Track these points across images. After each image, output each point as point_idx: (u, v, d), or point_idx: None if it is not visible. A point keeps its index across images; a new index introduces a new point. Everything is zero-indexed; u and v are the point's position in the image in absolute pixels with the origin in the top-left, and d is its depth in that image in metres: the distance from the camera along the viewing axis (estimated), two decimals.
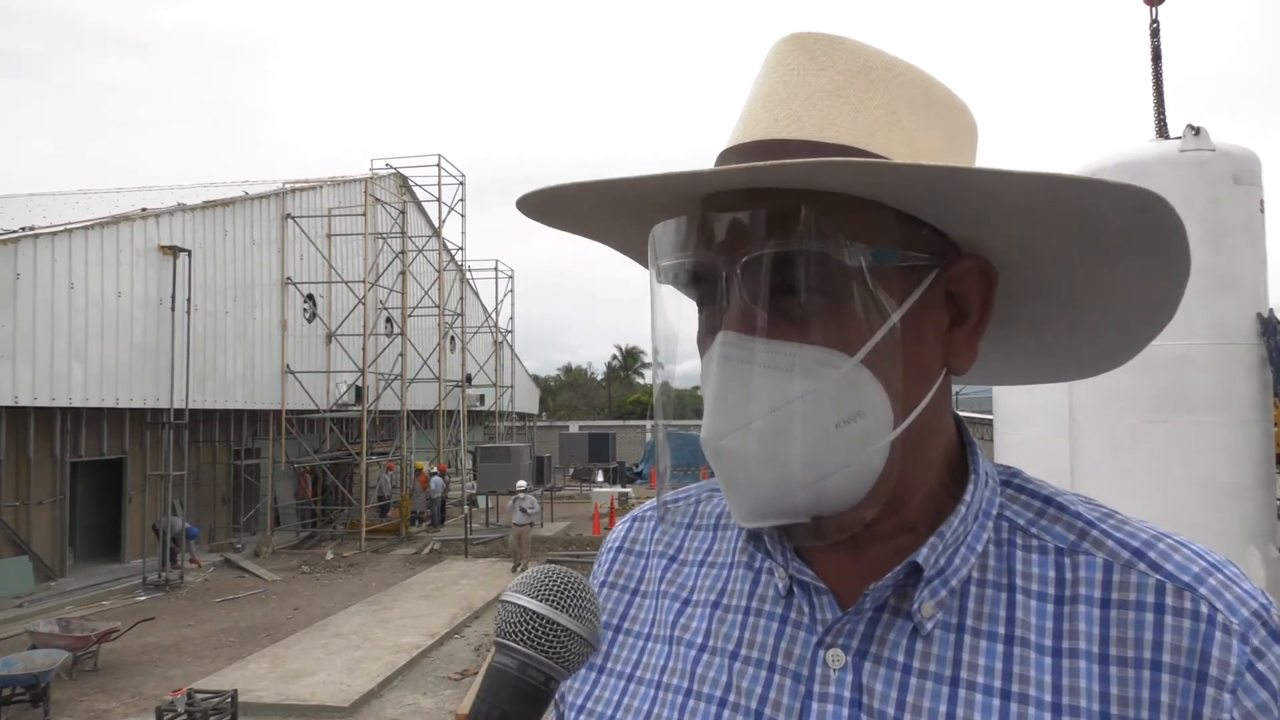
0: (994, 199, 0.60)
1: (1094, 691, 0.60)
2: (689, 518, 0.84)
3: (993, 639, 0.64)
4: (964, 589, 0.66)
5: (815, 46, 0.67)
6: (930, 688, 0.63)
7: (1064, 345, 0.79)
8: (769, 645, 0.70)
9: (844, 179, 0.59)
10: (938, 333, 0.67)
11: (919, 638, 0.65)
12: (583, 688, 0.79)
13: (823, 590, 0.69)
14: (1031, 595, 0.65)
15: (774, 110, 0.66)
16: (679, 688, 0.73)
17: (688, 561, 0.81)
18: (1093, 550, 0.66)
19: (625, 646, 0.79)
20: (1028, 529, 0.68)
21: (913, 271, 0.64)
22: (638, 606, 0.81)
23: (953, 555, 0.66)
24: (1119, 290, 0.68)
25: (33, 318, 13.81)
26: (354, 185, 23.83)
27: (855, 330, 0.61)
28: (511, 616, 0.60)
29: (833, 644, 0.67)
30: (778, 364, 0.61)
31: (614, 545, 0.87)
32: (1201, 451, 4.81)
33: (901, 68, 0.68)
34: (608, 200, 0.69)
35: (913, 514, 0.68)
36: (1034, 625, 0.64)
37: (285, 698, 9.16)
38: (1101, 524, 0.67)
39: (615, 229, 0.76)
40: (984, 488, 0.70)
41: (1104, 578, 0.64)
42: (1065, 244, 0.64)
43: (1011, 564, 0.67)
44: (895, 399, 0.63)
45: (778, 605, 0.72)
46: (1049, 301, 0.73)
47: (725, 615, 0.74)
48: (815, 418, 0.61)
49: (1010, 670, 0.62)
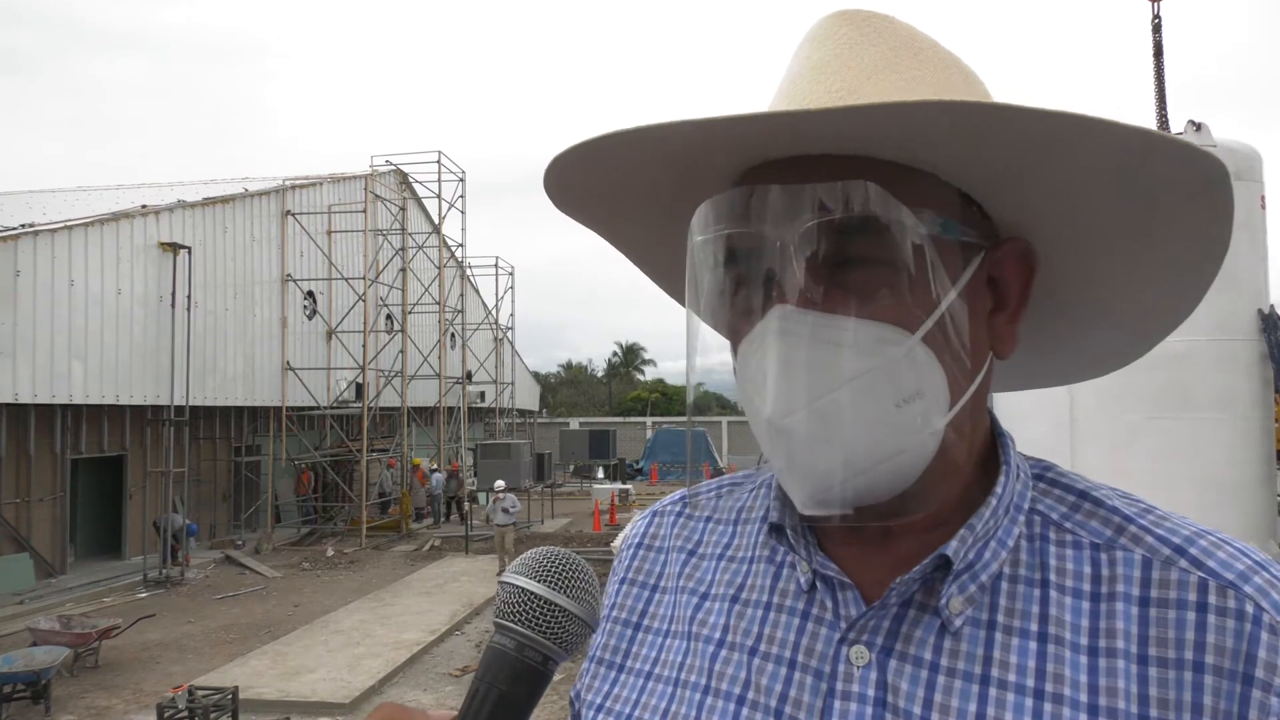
0: (1086, 154, 0.57)
1: (1132, 693, 0.58)
2: (709, 511, 0.83)
3: (1025, 636, 0.61)
4: (995, 585, 0.64)
5: (865, 23, 0.66)
6: (959, 686, 0.61)
7: (1078, 343, 0.77)
8: (789, 641, 0.68)
9: (949, 123, 0.56)
10: (983, 316, 0.66)
11: (947, 634, 0.63)
12: (601, 686, 0.77)
13: (847, 585, 0.67)
14: (1066, 592, 0.63)
15: (827, 80, 0.63)
16: (697, 685, 0.71)
17: (706, 555, 0.79)
18: (1130, 546, 0.63)
19: (645, 644, 0.77)
20: (1061, 524, 0.66)
21: (966, 249, 0.63)
22: (657, 603, 0.79)
23: (982, 549, 0.64)
24: (1154, 275, 0.67)
25: (33, 315, 13.81)
26: (354, 182, 23.82)
27: (916, 306, 0.60)
28: (510, 597, 0.60)
29: (856, 640, 0.65)
30: (838, 340, 0.59)
31: (634, 541, 0.86)
32: (1202, 448, 4.81)
33: (944, 52, 0.68)
34: (646, 166, 0.65)
35: (946, 506, 0.65)
36: (1069, 623, 0.61)
37: (286, 694, 9.17)
38: (1140, 519, 0.65)
39: (638, 216, 0.73)
40: (1015, 480, 0.67)
41: (1143, 575, 0.62)
42: (1122, 214, 0.62)
43: (1045, 559, 0.64)
44: (952, 380, 0.61)
45: (799, 600, 0.70)
46: (1078, 291, 0.71)
47: (744, 610, 0.72)
48: (878, 396, 0.59)
49: (1044, 669, 0.60)
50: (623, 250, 0.80)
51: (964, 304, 0.62)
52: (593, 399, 66.79)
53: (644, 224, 0.75)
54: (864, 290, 0.60)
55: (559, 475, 31.18)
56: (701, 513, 0.83)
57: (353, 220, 22.95)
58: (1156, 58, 5.83)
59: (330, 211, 22.77)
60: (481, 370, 31.33)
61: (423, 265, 25.41)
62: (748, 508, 0.80)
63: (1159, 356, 4.09)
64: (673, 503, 0.86)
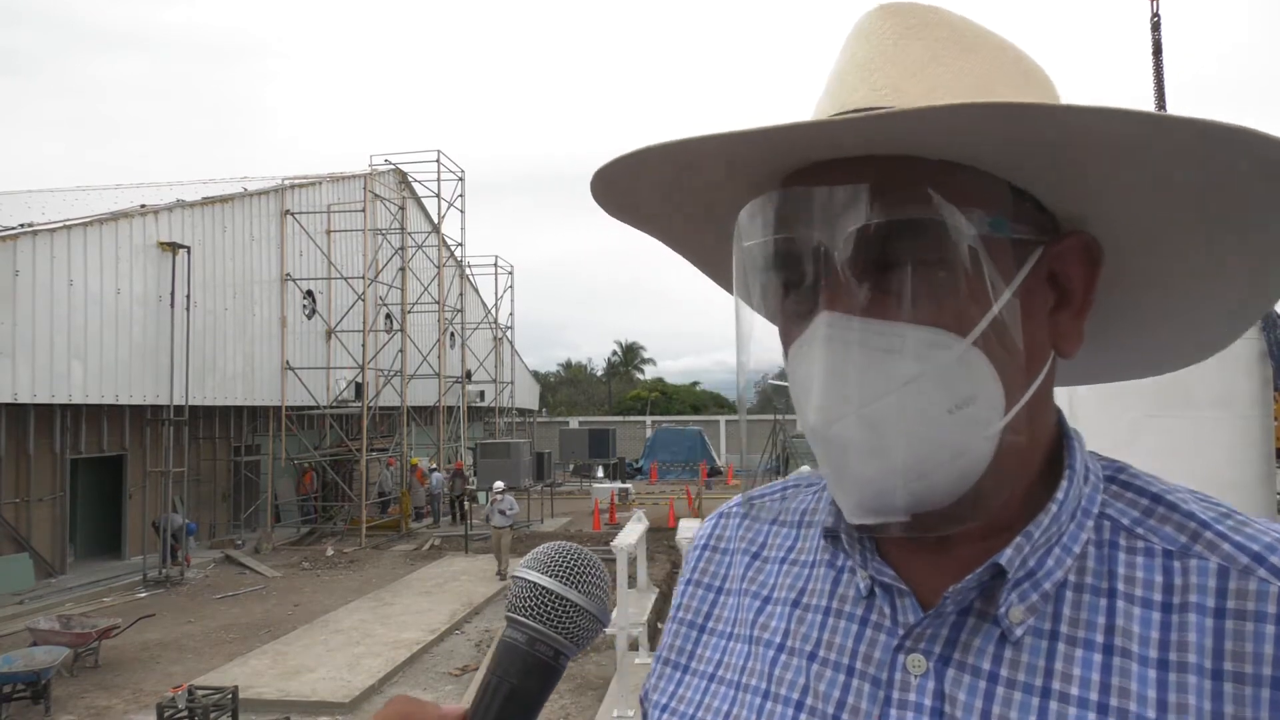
0: (1135, 151, 0.54)
1: (1205, 709, 0.54)
2: (774, 513, 0.82)
3: (1090, 647, 0.59)
4: (1059, 593, 0.61)
5: (910, 15, 0.65)
6: (1019, 698, 0.59)
7: (1144, 340, 0.74)
8: (847, 648, 0.67)
9: (991, 127, 0.54)
10: (1043, 314, 0.63)
11: (1007, 644, 0.60)
12: (667, 686, 0.78)
13: (905, 592, 0.65)
14: (1135, 601, 0.59)
15: (871, 78, 0.62)
16: (757, 688, 0.71)
17: (770, 558, 0.78)
18: (1206, 553, 0.59)
19: (708, 646, 0.77)
20: (1133, 529, 0.63)
21: (1021, 247, 0.61)
22: (721, 605, 0.79)
23: (1045, 556, 0.61)
24: (1226, 271, 0.64)
25: (32, 315, 13.80)
26: (353, 181, 23.82)
27: (967, 309, 0.58)
28: (522, 591, 0.61)
29: (913, 649, 0.63)
30: (887, 345, 0.57)
31: (701, 543, 0.85)
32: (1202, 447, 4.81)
33: (995, 40, 0.65)
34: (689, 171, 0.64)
35: (1009, 511, 0.63)
36: (1137, 634, 0.58)
37: (286, 694, 9.18)
38: (1218, 524, 0.61)
39: (684, 218, 0.72)
40: (1082, 484, 0.64)
41: (1218, 584, 0.58)
42: (1188, 208, 0.59)
43: (1113, 567, 0.61)
44: (1007, 383, 0.59)
45: (858, 606, 0.69)
46: (1147, 285, 0.68)
47: (804, 615, 0.72)
48: (928, 403, 0.57)
49: (1109, 682, 0.57)
50: (675, 248, 0.79)
51: (1019, 303, 0.60)
52: (592, 398, 66.80)
53: (689, 223, 0.74)
54: (912, 294, 0.58)
55: (558, 474, 31.19)
56: (765, 515, 0.82)
57: (352, 220, 22.95)
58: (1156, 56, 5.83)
59: (329, 211, 22.77)
60: (481, 369, 31.33)
61: (422, 264, 25.41)
62: (811, 510, 0.80)
63: None
64: (738, 504, 0.85)
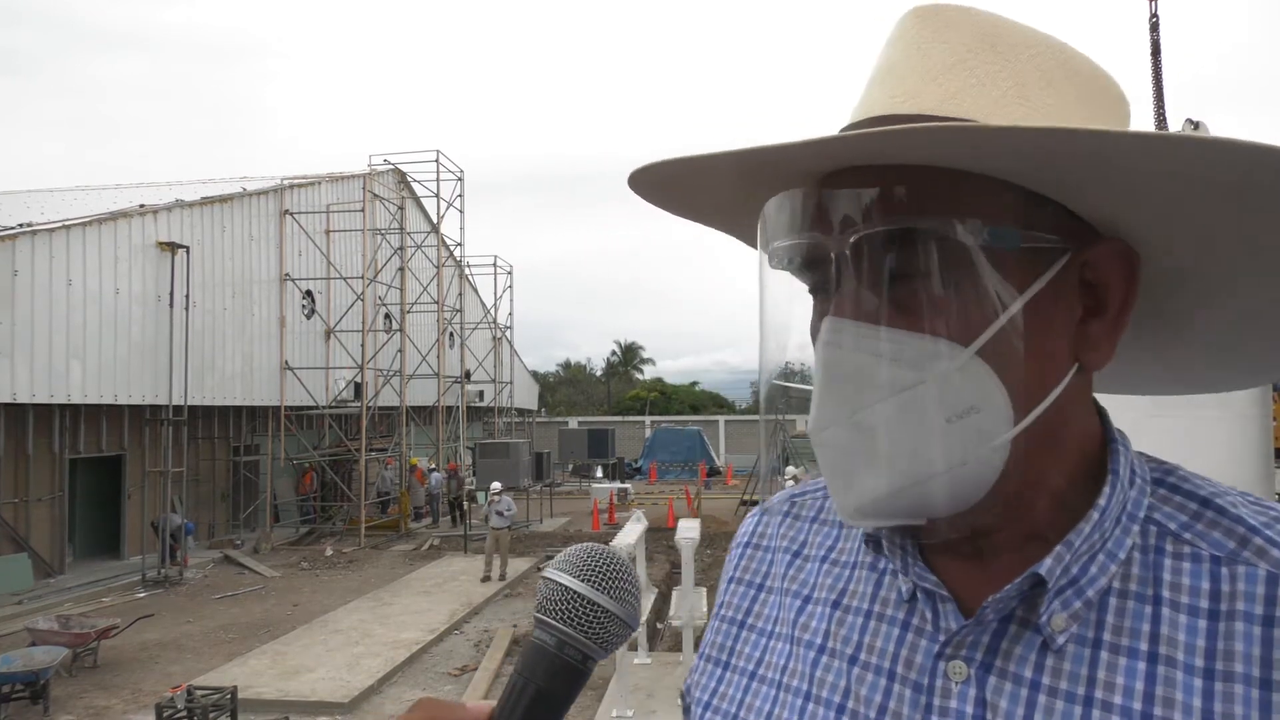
0: (1135, 170, 0.53)
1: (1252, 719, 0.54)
2: (815, 512, 0.81)
3: (1133, 656, 0.58)
4: (1103, 600, 0.60)
5: (937, 18, 0.63)
6: (1061, 707, 0.58)
7: (1223, 345, 0.71)
8: (889, 652, 0.67)
9: (938, 148, 0.54)
10: (1068, 324, 0.61)
11: (1049, 652, 0.60)
12: (709, 683, 0.78)
13: (946, 598, 0.65)
14: (1180, 609, 0.58)
15: (892, 85, 0.62)
16: (799, 690, 0.71)
17: (811, 557, 0.78)
18: (1255, 560, 0.58)
19: (749, 644, 0.77)
20: (1179, 534, 0.61)
21: (1039, 255, 0.59)
22: (762, 603, 0.79)
23: (1088, 563, 0.61)
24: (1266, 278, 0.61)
25: (31, 314, 13.79)
26: (352, 181, 23.80)
27: (971, 319, 0.57)
28: (552, 594, 0.60)
29: (954, 655, 0.63)
30: (883, 352, 0.57)
31: (743, 541, 0.85)
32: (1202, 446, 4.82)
33: (1035, 39, 0.63)
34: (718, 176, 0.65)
35: (1040, 519, 0.62)
36: (1182, 642, 0.57)
37: (285, 694, 9.17)
38: (1268, 530, 0.59)
39: (724, 209, 0.73)
40: (1126, 489, 0.63)
41: (1266, 592, 0.57)
42: (1221, 221, 0.57)
43: (1159, 574, 0.60)
44: (1016, 394, 0.58)
45: (900, 610, 0.68)
46: (1201, 292, 0.65)
47: (845, 617, 0.71)
48: (923, 411, 0.57)
49: (1153, 691, 0.56)
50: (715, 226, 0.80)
51: (1034, 314, 0.59)
52: (591, 398, 66.79)
53: (718, 215, 0.75)
54: (912, 303, 0.58)
55: (557, 475, 31.18)
56: (807, 513, 0.82)
57: (351, 220, 22.93)
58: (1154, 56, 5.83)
59: (329, 211, 22.75)
60: (480, 369, 31.33)
61: (421, 264, 25.40)
62: None
63: None
64: (781, 501, 0.85)
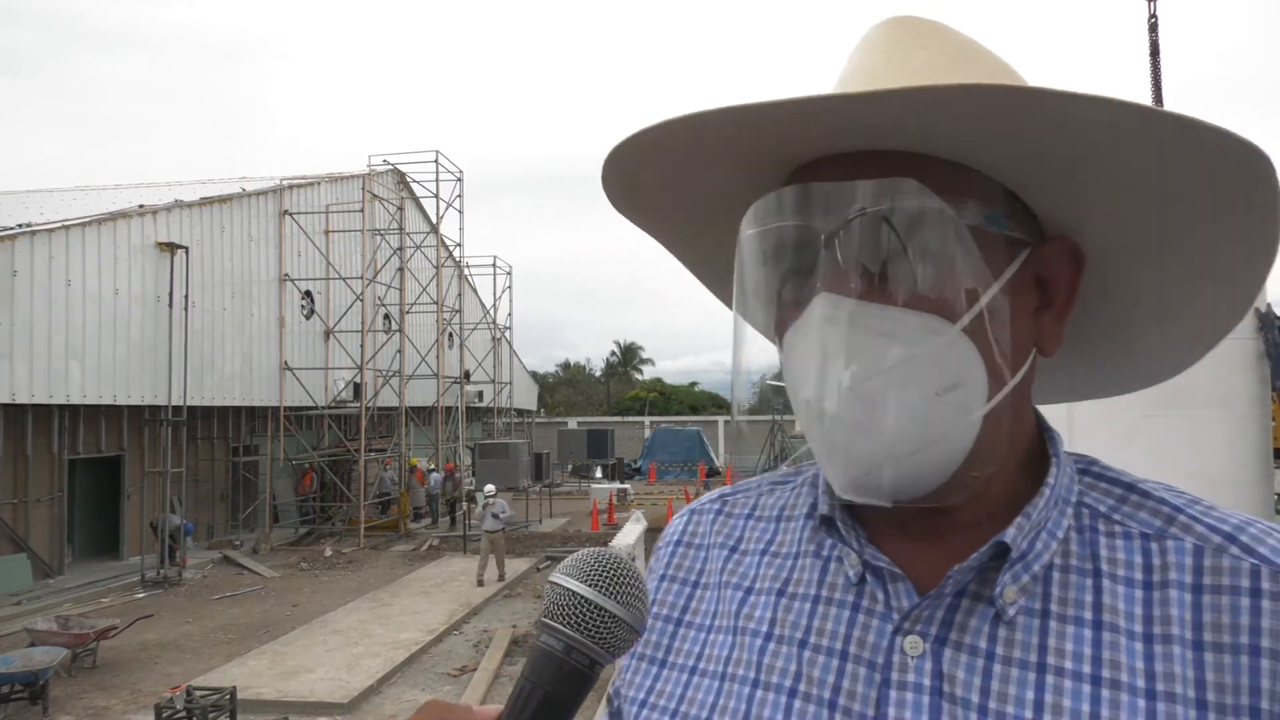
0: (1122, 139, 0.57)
1: (1189, 678, 0.59)
2: (748, 509, 0.83)
3: (1080, 624, 0.62)
4: (1046, 575, 0.65)
5: (915, 27, 0.68)
6: (1016, 674, 0.62)
7: (1131, 351, 0.78)
8: (840, 634, 0.69)
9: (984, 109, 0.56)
10: (1028, 313, 0.67)
11: (1001, 624, 0.64)
12: (643, 681, 0.77)
13: (899, 577, 0.67)
14: (1119, 581, 0.64)
15: (876, 84, 0.64)
16: (745, 678, 0.71)
17: (749, 551, 0.79)
18: (1181, 535, 0.64)
19: (687, 639, 0.78)
20: (1109, 515, 0.67)
21: (1011, 245, 0.64)
22: (698, 599, 0.80)
23: (1034, 540, 0.65)
24: (1201, 277, 0.67)
25: (30, 315, 13.78)
26: (352, 181, 23.80)
27: (958, 297, 0.61)
28: (559, 599, 0.60)
29: (910, 631, 0.65)
30: (881, 329, 0.60)
31: (672, 540, 0.86)
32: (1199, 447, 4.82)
33: (994, 58, 0.69)
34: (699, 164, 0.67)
35: (994, 499, 0.66)
36: (1122, 611, 0.62)
37: (284, 694, 9.16)
38: (1188, 509, 0.66)
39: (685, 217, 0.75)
40: (1064, 474, 0.69)
41: (1194, 562, 0.63)
42: (1165, 210, 0.62)
43: (1095, 550, 0.65)
44: (992, 372, 0.62)
45: (848, 593, 0.70)
46: (1131, 295, 0.72)
47: (791, 604, 0.73)
48: (917, 384, 0.60)
49: (1100, 656, 0.61)
50: (674, 248, 0.82)
51: (1007, 298, 0.63)
52: (591, 398, 66.78)
53: (690, 223, 0.76)
54: (906, 281, 0.61)
55: (557, 475, 31.16)
56: (742, 510, 0.83)
57: (350, 220, 22.93)
58: (1153, 57, 5.84)
59: (328, 211, 22.75)
60: (479, 370, 31.33)
61: (420, 265, 25.39)
62: (790, 505, 0.81)
63: None
64: (711, 501, 0.87)
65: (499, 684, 9.60)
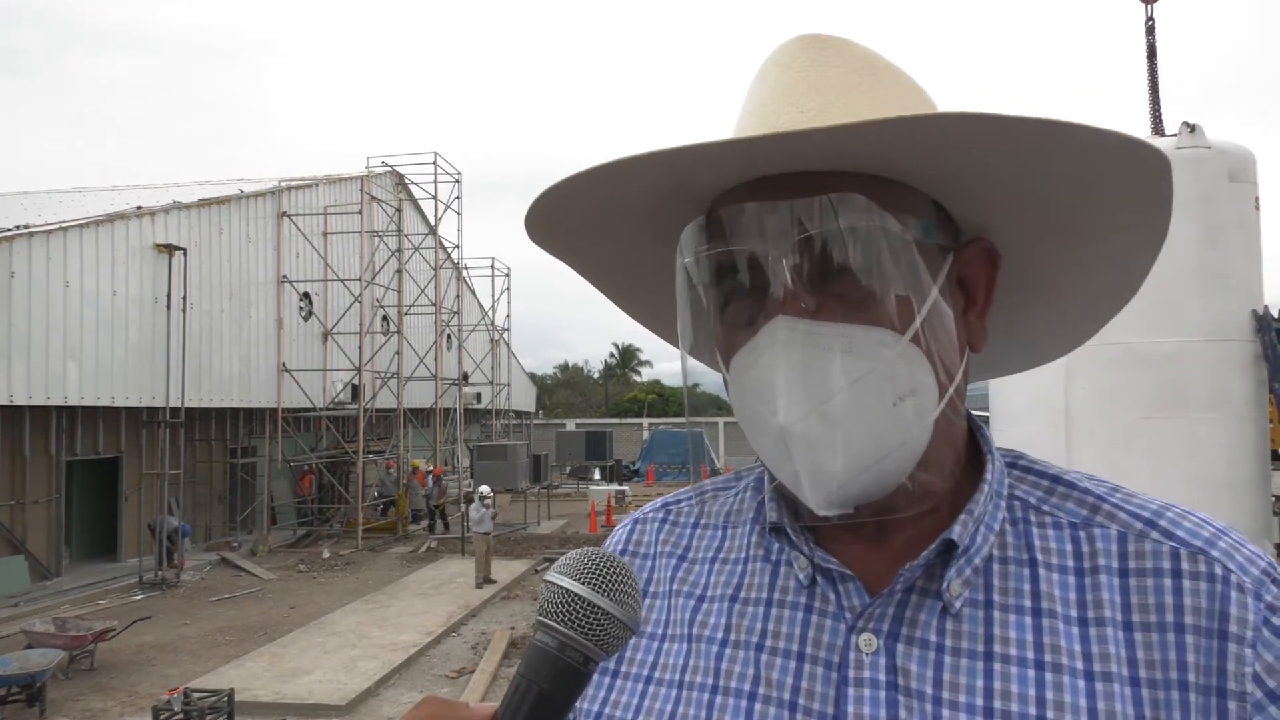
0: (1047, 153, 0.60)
1: (1123, 657, 0.62)
2: (694, 518, 0.84)
3: (1020, 613, 0.66)
4: (987, 567, 0.68)
5: (826, 46, 0.70)
6: (965, 664, 0.64)
7: (1033, 333, 0.83)
8: (795, 635, 0.70)
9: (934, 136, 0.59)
10: (959, 314, 0.70)
11: (949, 616, 0.66)
12: (597, 694, 0.78)
13: (849, 577, 0.69)
14: (1053, 569, 0.67)
15: (800, 102, 0.67)
16: (704, 685, 0.72)
17: (698, 559, 0.80)
18: (1106, 523, 0.68)
19: (640, 649, 0.78)
20: (1039, 506, 0.71)
21: (940, 252, 0.68)
22: (648, 608, 0.80)
23: (975, 534, 0.68)
24: (1099, 264, 0.72)
25: (28, 316, 13.77)
26: (350, 183, 23.79)
27: (903, 308, 0.64)
28: (554, 597, 0.61)
29: (864, 629, 0.68)
30: (839, 346, 0.62)
31: (617, 550, 0.86)
32: (1197, 448, 4.83)
33: (897, 70, 0.72)
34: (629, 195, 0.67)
35: (937, 496, 0.69)
36: (1059, 597, 0.66)
37: (282, 696, 9.15)
38: (1110, 498, 0.70)
39: (610, 242, 0.75)
40: (998, 469, 0.72)
41: (1120, 548, 0.67)
42: (1075, 206, 0.66)
43: (1029, 540, 0.69)
44: (939, 376, 0.65)
45: (800, 595, 0.72)
46: (1032, 285, 0.76)
47: (745, 609, 0.74)
48: (877, 396, 0.62)
49: (1041, 641, 0.64)
50: (590, 278, 0.81)
51: (942, 304, 0.67)
52: (589, 400, 66.76)
53: (616, 249, 0.76)
54: (857, 297, 0.63)
55: (555, 476, 31.12)
56: (687, 519, 0.84)
57: (349, 222, 22.91)
58: (1150, 59, 5.85)
59: (326, 213, 22.73)
60: (478, 371, 31.30)
61: (419, 266, 25.37)
62: (735, 511, 0.82)
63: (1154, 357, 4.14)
64: (654, 510, 0.87)
65: (497, 686, 9.58)
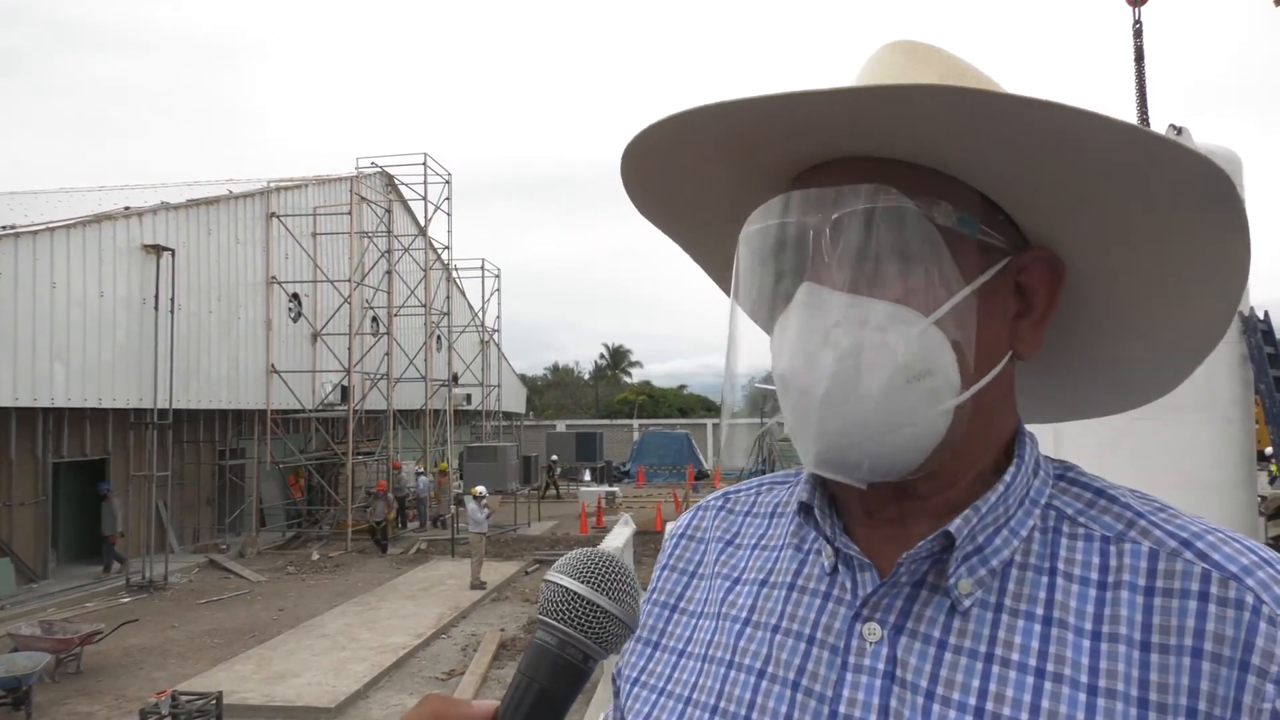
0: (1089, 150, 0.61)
1: (1132, 676, 0.61)
2: (748, 506, 0.89)
3: (1030, 619, 0.65)
4: (1005, 572, 0.67)
5: (915, 50, 0.74)
6: (964, 663, 0.65)
7: (1116, 369, 0.81)
8: (809, 619, 0.73)
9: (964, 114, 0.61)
10: (1005, 317, 0.71)
11: (956, 615, 0.67)
12: (638, 662, 0.83)
13: (866, 565, 0.71)
14: (1073, 580, 0.66)
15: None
16: (722, 659, 0.76)
17: (742, 545, 0.85)
18: (1139, 539, 0.66)
19: (679, 624, 0.83)
20: (1075, 518, 0.70)
21: (988, 251, 0.69)
22: (694, 588, 0.85)
23: (993, 535, 0.68)
24: (1177, 292, 0.71)
25: (14, 317, 13.68)
26: (339, 184, 23.72)
27: (931, 292, 0.65)
28: (554, 596, 0.63)
29: (870, 618, 0.69)
30: (854, 316, 0.65)
31: (678, 532, 0.92)
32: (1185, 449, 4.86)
33: (987, 79, 0.74)
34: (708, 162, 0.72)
35: (963, 492, 0.69)
36: (1073, 608, 0.65)
37: (270, 699, 9.12)
38: (1151, 515, 0.68)
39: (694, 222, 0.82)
40: (1030, 476, 0.71)
41: (1149, 565, 0.65)
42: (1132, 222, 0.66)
43: (1055, 550, 0.68)
44: (963, 367, 0.66)
45: (822, 583, 0.74)
46: (1112, 309, 0.75)
47: (770, 592, 0.77)
48: (888, 369, 0.64)
49: (1046, 650, 0.63)
50: (692, 253, 0.89)
51: (981, 300, 0.67)
52: (580, 401, 66.66)
53: (696, 226, 0.84)
54: (882, 274, 0.66)
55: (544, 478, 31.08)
56: (742, 507, 0.89)
57: (338, 222, 22.85)
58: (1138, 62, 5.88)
59: (315, 214, 22.66)
60: (468, 373, 31.24)
61: (408, 267, 25.31)
62: (784, 503, 0.86)
63: None
64: (716, 498, 0.93)
65: (487, 687, 9.57)
